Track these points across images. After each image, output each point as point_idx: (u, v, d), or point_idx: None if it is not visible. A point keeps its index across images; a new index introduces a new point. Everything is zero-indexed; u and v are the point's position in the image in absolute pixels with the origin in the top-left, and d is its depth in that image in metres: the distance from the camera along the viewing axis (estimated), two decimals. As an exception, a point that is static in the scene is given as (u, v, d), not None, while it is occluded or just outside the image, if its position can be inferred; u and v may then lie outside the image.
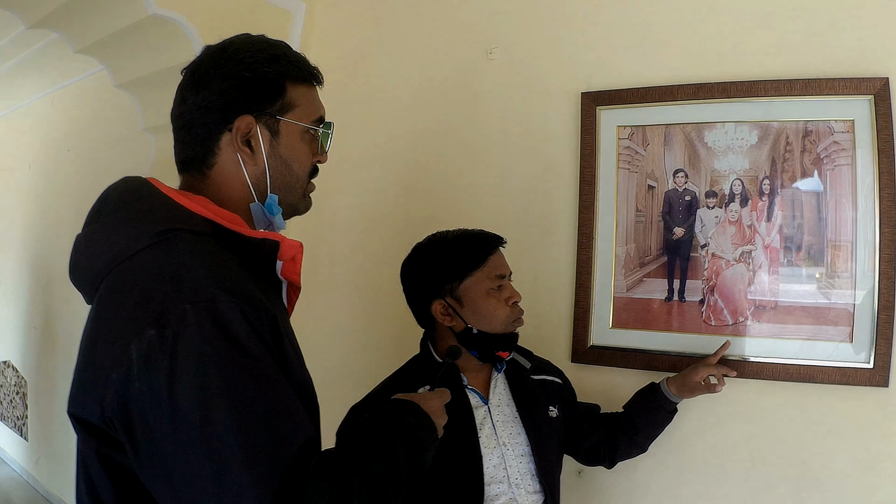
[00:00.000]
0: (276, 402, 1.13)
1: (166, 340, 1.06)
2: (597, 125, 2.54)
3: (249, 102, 1.36)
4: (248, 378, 1.10)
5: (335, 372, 2.90)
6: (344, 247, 3.10)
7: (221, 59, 1.37)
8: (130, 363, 1.07)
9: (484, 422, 1.96)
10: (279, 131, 1.40)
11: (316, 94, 1.49)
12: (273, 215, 1.43)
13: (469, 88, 2.85)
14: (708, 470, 2.34)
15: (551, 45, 2.69)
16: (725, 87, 2.35)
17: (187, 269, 1.15)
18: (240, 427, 1.06)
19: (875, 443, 2.15)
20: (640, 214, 2.48)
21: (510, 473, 1.92)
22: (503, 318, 1.98)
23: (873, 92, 2.18)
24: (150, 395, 1.06)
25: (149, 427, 1.06)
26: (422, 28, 3.00)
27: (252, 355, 1.12)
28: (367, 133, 3.08)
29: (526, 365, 2.10)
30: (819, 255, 2.24)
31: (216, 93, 1.35)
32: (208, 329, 1.08)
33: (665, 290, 2.43)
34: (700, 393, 2.19)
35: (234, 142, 1.36)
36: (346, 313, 3.05)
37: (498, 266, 2.01)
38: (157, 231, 1.21)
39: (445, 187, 2.87)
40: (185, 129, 1.39)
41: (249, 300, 1.16)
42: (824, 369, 2.20)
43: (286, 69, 1.40)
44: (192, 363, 1.06)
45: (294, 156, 1.43)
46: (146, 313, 1.09)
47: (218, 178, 1.38)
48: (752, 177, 2.33)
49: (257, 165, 1.39)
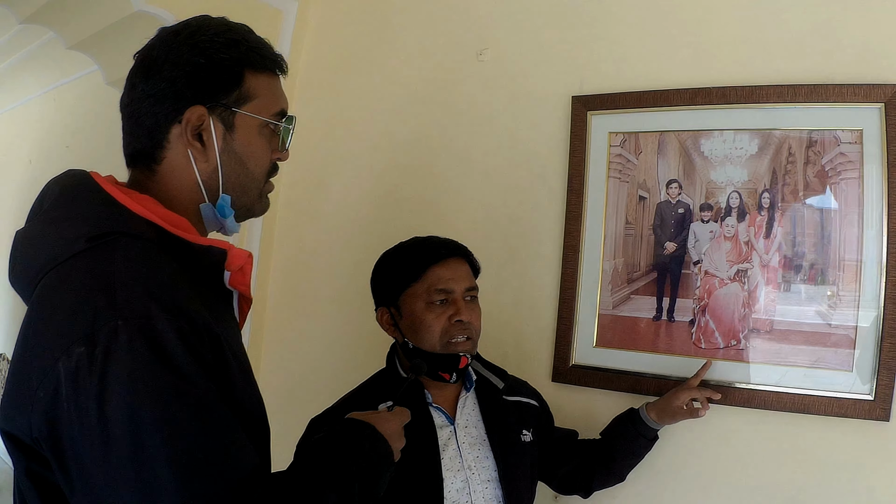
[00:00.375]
0: (214, 432, 1.04)
1: (96, 360, 0.98)
2: (587, 131, 2.39)
3: (202, 92, 1.24)
4: (184, 405, 1.01)
5: (322, 379, 2.82)
6: (329, 253, 2.99)
7: (174, 43, 1.24)
8: (58, 382, 0.99)
9: (448, 443, 1.84)
10: (235, 125, 1.27)
11: (278, 84, 1.36)
12: (224, 217, 1.31)
13: (459, 91, 2.73)
14: (690, 499, 2.18)
15: (542, 47, 2.56)
16: (725, 92, 2.19)
17: (122, 279, 1.05)
18: (174, 459, 0.98)
19: (873, 482, 1.97)
20: (629, 227, 2.32)
21: (474, 499, 1.79)
22: (436, 336, 1.85)
23: (884, 100, 2.01)
24: (78, 418, 0.98)
25: (78, 453, 0.99)
26: (413, 28, 2.90)
27: (189, 379, 1.02)
28: (356, 135, 2.99)
29: (498, 385, 1.97)
30: (821, 275, 2.07)
31: (166, 80, 1.22)
32: (141, 349, 0.99)
33: (653, 309, 2.26)
34: (682, 418, 2.03)
35: (184, 135, 1.24)
36: (331, 320, 2.93)
37: (441, 280, 1.88)
38: (92, 235, 1.11)
39: (432, 192, 2.75)
40: (133, 119, 1.27)
41: (188, 317, 1.06)
42: (821, 399, 2.03)
43: (245, 56, 1.28)
44: (123, 386, 0.97)
45: (250, 152, 1.30)
46: (76, 328, 1.01)
47: (166, 175, 1.26)
48: (750, 189, 2.16)
49: (209, 162, 1.26)
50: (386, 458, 1.31)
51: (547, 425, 2.09)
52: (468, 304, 1.89)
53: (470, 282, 1.92)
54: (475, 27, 2.72)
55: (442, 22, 2.82)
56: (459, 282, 1.89)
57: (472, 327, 1.87)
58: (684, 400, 2.01)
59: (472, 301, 1.92)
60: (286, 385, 3.00)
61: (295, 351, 3.02)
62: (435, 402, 1.88)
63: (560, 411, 2.21)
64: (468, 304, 1.89)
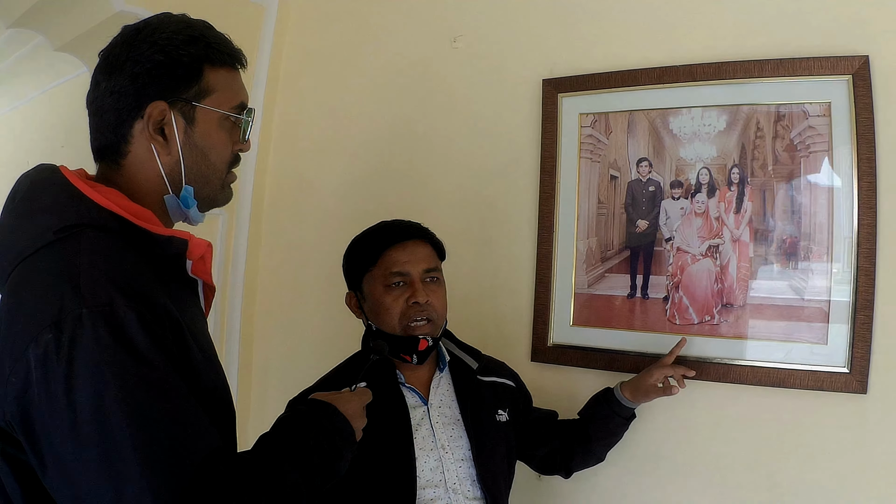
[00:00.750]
0: (175, 413, 1.09)
1: (62, 346, 1.03)
2: (558, 113, 2.40)
3: (163, 88, 1.28)
4: (145, 388, 1.05)
5: (313, 364, 2.82)
6: (314, 242, 3.02)
7: (135, 41, 1.30)
8: (28, 368, 1.04)
9: (422, 422, 1.86)
10: (195, 118, 1.32)
11: (238, 78, 1.40)
12: (188, 208, 1.36)
13: (435, 78, 2.74)
14: (672, 478, 2.20)
15: (513, 33, 2.57)
16: (691, 69, 2.20)
17: (86, 270, 1.10)
18: (137, 440, 1.02)
19: (851, 454, 1.98)
20: (602, 206, 2.33)
21: (447, 477, 1.81)
22: (395, 318, 1.87)
23: (851, 72, 2.01)
24: (48, 401, 1.03)
25: (48, 434, 1.04)
26: (389, 19, 2.91)
27: (150, 364, 1.07)
28: (337, 125, 3.01)
29: (472, 365, 1.98)
30: (792, 249, 2.07)
31: (128, 77, 1.27)
32: (104, 336, 1.04)
33: (628, 287, 2.27)
34: (656, 396, 2.04)
35: (146, 130, 1.28)
36: (319, 308, 2.96)
37: (397, 262, 1.90)
38: (59, 227, 1.16)
39: (411, 178, 2.77)
40: (98, 115, 1.32)
41: (150, 305, 1.11)
42: (796, 373, 2.04)
43: (204, 52, 1.32)
44: (88, 371, 1.02)
45: (211, 144, 1.34)
46: (44, 316, 1.06)
47: (131, 169, 1.31)
48: (719, 165, 2.17)
49: (171, 155, 1.31)
50: (347, 436, 1.35)
51: (524, 406, 2.10)
52: (428, 286, 1.90)
53: (429, 263, 1.92)
54: (449, 16, 2.73)
55: (416, 11, 2.83)
56: (416, 264, 1.90)
57: (430, 308, 1.88)
58: (658, 378, 2.02)
59: (433, 282, 1.92)
60: (278, 372, 3.04)
61: (286, 340, 3.06)
62: (408, 382, 1.90)
63: (540, 390, 2.23)
64: (428, 285, 1.90)
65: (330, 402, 1.39)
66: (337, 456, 1.30)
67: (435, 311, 1.89)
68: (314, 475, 1.23)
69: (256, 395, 3.06)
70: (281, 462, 1.20)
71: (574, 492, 2.32)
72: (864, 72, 1.99)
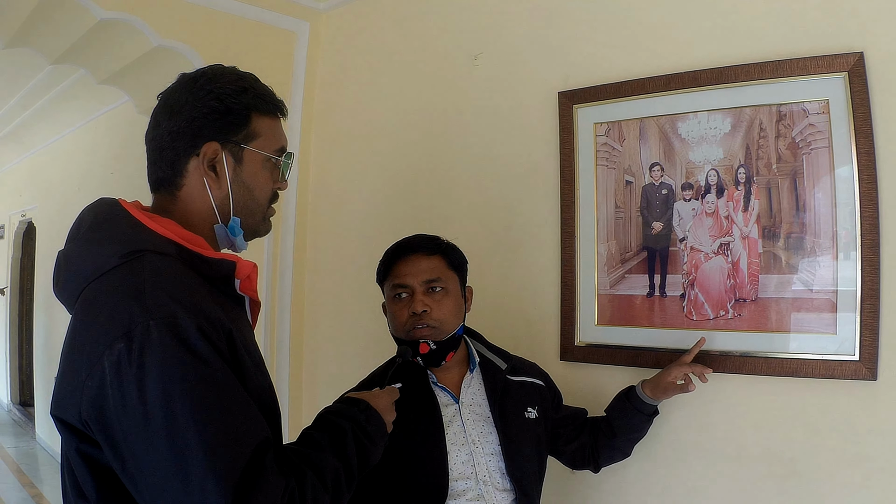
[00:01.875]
0: (232, 405, 1.25)
1: (133, 353, 1.18)
2: (574, 123, 2.53)
3: (217, 131, 1.46)
4: (206, 384, 1.21)
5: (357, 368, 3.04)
6: (351, 256, 3.27)
7: (194, 88, 1.47)
8: (104, 373, 1.20)
9: (453, 419, 2.01)
10: (243, 158, 1.49)
11: (280, 125, 1.58)
12: (235, 236, 1.54)
13: (457, 94, 2.92)
14: (693, 468, 2.30)
15: (529, 49, 2.71)
16: (695, 75, 2.29)
17: (151, 288, 1.26)
18: (200, 427, 1.18)
19: (862, 439, 2.04)
20: (619, 210, 2.45)
21: (478, 470, 1.96)
22: (400, 326, 2.05)
23: (847, 69, 2.06)
24: (122, 401, 1.18)
25: (123, 430, 1.19)
26: (413, 40, 3.12)
27: (209, 364, 1.23)
28: (369, 143, 3.23)
29: (501, 365, 2.13)
30: (798, 243, 2.15)
31: (187, 120, 1.45)
32: (169, 341, 1.20)
33: (646, 286, 2.39)
34: (674, 394, 2.15)
35: (200, 166, 1.46)
36: (358, 319, 3.19)
37: (398, 275, 2.06)
38: (123, 252, 1.32)
39: (438, 190, 2.97)
40: (157, 151, 1.49)
41: (206, 316, 1.27)
42: (808, 362, 2.10)
43: (252, 101, 1.50)
44: (156, 372, 1.18)
45: (256, 182, 1.52)
46: (116, 328, 1.21)
47: (186, 200, 1.48)
48: (727, 166, 2.26)
49: (221, 189, 1.48)
50: (378, 427, 1.55)
51: (554, 404, 2.22)
52: (430, 296, 2.03)
53: (430, 274, 2.05)
54: (469, 35, 2.90)
55: (439, 32, 3.01)
56: (416, 276, 2.04)
57: (428, 317, 2.01)
58: (676, 376, 2.11)
59: (436, 292, 2.04)
60: (325, 377, 3.31)
61: (333, 349, 3.32)
62: (440, 382, 2.06)
63: (570, 389, 2.36)
64: (430, 295, 2.03)
65: (362, 398, 1.60)
66: (370, 442, 1.50)
67: (435, 320, 2.02)
68: (350, 459, 1.42)
69: (307, 400, 3.31)
70: (321, 448, 1.39)
71: (603, 482, 2.45)
72: (859, 68, 2.04)
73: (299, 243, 3.36)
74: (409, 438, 1.90)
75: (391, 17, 3.23)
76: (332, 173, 3.39)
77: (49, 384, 5.84)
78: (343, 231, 3.29)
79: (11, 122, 7.42)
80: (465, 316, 2.13)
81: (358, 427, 1.50)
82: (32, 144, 8.18)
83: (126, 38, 3.04)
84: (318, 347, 3.38)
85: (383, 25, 3.23)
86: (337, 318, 3.29)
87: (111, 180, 5.83)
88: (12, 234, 9.41)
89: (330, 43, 3.43)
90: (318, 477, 1.32)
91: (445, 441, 1.97)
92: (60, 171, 7.33)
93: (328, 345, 3.33)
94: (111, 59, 3.32)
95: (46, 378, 7.39)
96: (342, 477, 1.38)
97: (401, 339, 2.06)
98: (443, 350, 2.04)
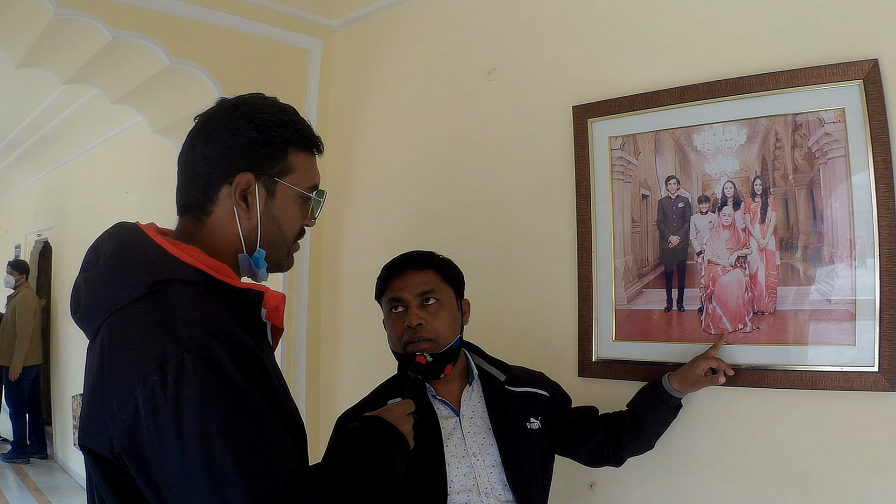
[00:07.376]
0: (267, 434, 1.26)
1: (168, 386, 1.19)
2: (589, 138, 2.53)
3: (252, 161, 1.45)
4: (242, 415, 1.23)
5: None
6: (371, 269, 3.22)
7: (234, 115, 1.46)
8: (137, 406, 1.20)
9: (453, 432, 2.02)
10: (275, 192, 1.49)
11: (315, 161, 1.58)
12: (258, 268, 1.52)
13: (472, 110, 2.92)
14: (713, 481, 2.28)
15: (543, 63, 2.72)
16: (710, 87, 2.28)
17: (182, 319, 1.27)
18: (238, 458, 1.19)
19: (882, 451, 2.01)
20: (635, 225, 2.44)
21: (479, 482, 1.97)
22: (396, 340, 2.06)
23: (862, 76, 2.05)
24: (157, 434, 1.19)
25: (158, 462, 1.20)
26: (426, 56, 3.13)
27: (244, 394, 1.25)
28: (382, 160, 3.25)
29: (500, 377, 2.13)
30: (816, 253, 2.13)
31: (223, 147, 1.44)
32: (205, 374, 1.21)
33: (664, 301, 2.38)
34: (703, 385, 2.16)
35: (232, 195, 1.45)
36: (371, 341, 3.17)
37: (392, 290, 2.08)
38: (150, 281, 1.32)
39: (455, 206, 2.97)
40: (189, 175, 1.48)
41: (239, 345, 1.28)
42: (828, 375, 2.08)
43: (291, 136, 1.50)
44: (193, 406, 1.19)
45: (285, 216, 1.52)
46: (148, 361, 1.22)
47: (213, 227, 1.47)
48: (743, 178, 2.24)
49: (251, 220, 1.47)
50: (397, 439, 1.56)
51: (560, 411, 2.21)
52: (425, 308, 2.04)
53: (424, 287, 2.06)
54: (483, 50, 2.90)
55: (453, 47, 3.02)
56: (409, 289, 2.05)
57: (423, 330, 2.01)
58: (704, 368, 2.14)
59: (430, 304, 2.05)
60: (335, 393, 3.30)
61: (349, 371, 3.32)
62: (439, 395, 2.07)
63: (588, 404, 2.32)
64: (423, 308, 2.04)
65: (375, 415, 1.62)
66: (390, 455, 1.51)
67: (430, 330, 2.02)
68: (374, 475, 1.42)
69: (325, 421, 3.32)
70: (348, 470, 1.39)
71: (620, 495, 2.44)
72: (874, 75, 2.03)
73: (315, 265, 3.37)
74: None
75: (404, 33, 3.25)
76: (348, 191, 3.39)
77: (64, 402, 5.91)
78: (359, 251, 3.30)
79: (26, 143, 7.51)
80: (462, 329, 2.14)
81: (376, 443, 1.51)
82: (47, 164, 8.25)
83: (139, 58, 3.05)
84: (334, 369, 3.38)
85: (396, 42, 3.24)
86: (354, 339, 3.30)
87: (126, 200, 5.86)
88: (28, 253, 9.47)
89: (343, 60, 3.44)
90: (343, 495, 1.33)
91: (444, 454, 1.98)
92: (75, 191, 7.38)
93: (345, 365, 3.34)
94: (124, 79, 3.34)
95: (62, 397, 7.44)
96: (367, 492, 1.39)
97: (399, 353, 2.07)
98: (440, 362, 2.04)
